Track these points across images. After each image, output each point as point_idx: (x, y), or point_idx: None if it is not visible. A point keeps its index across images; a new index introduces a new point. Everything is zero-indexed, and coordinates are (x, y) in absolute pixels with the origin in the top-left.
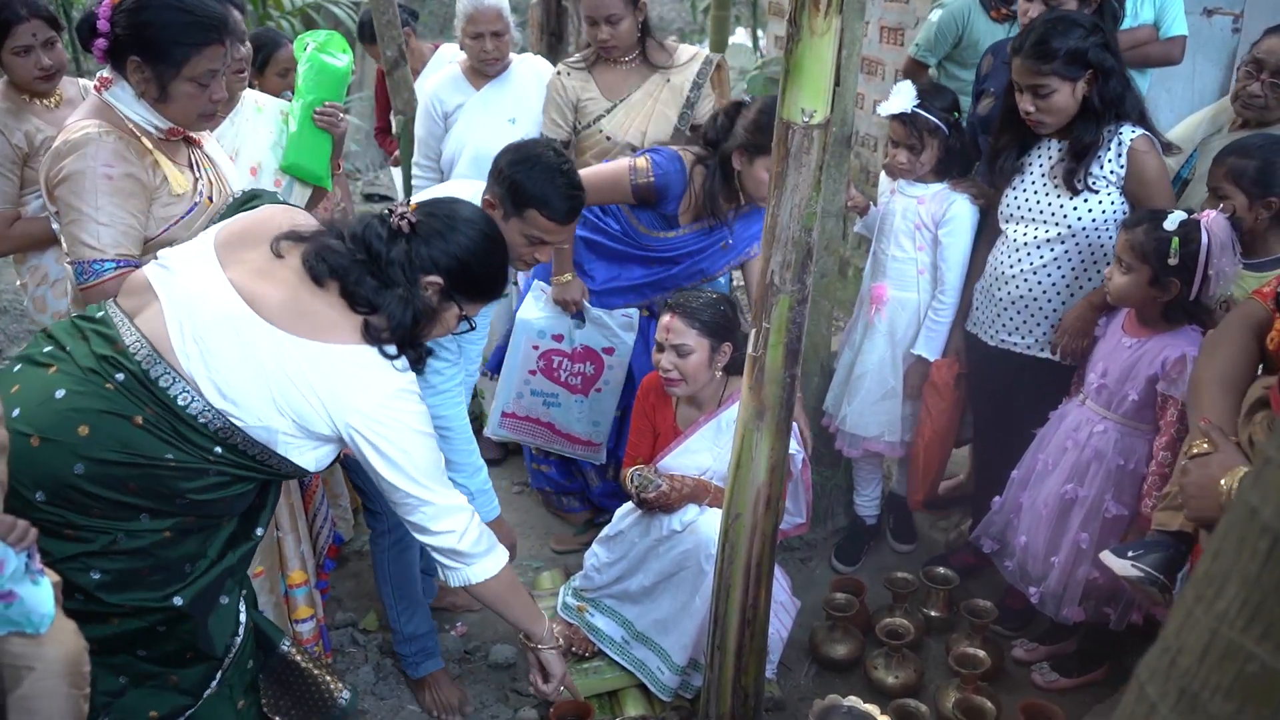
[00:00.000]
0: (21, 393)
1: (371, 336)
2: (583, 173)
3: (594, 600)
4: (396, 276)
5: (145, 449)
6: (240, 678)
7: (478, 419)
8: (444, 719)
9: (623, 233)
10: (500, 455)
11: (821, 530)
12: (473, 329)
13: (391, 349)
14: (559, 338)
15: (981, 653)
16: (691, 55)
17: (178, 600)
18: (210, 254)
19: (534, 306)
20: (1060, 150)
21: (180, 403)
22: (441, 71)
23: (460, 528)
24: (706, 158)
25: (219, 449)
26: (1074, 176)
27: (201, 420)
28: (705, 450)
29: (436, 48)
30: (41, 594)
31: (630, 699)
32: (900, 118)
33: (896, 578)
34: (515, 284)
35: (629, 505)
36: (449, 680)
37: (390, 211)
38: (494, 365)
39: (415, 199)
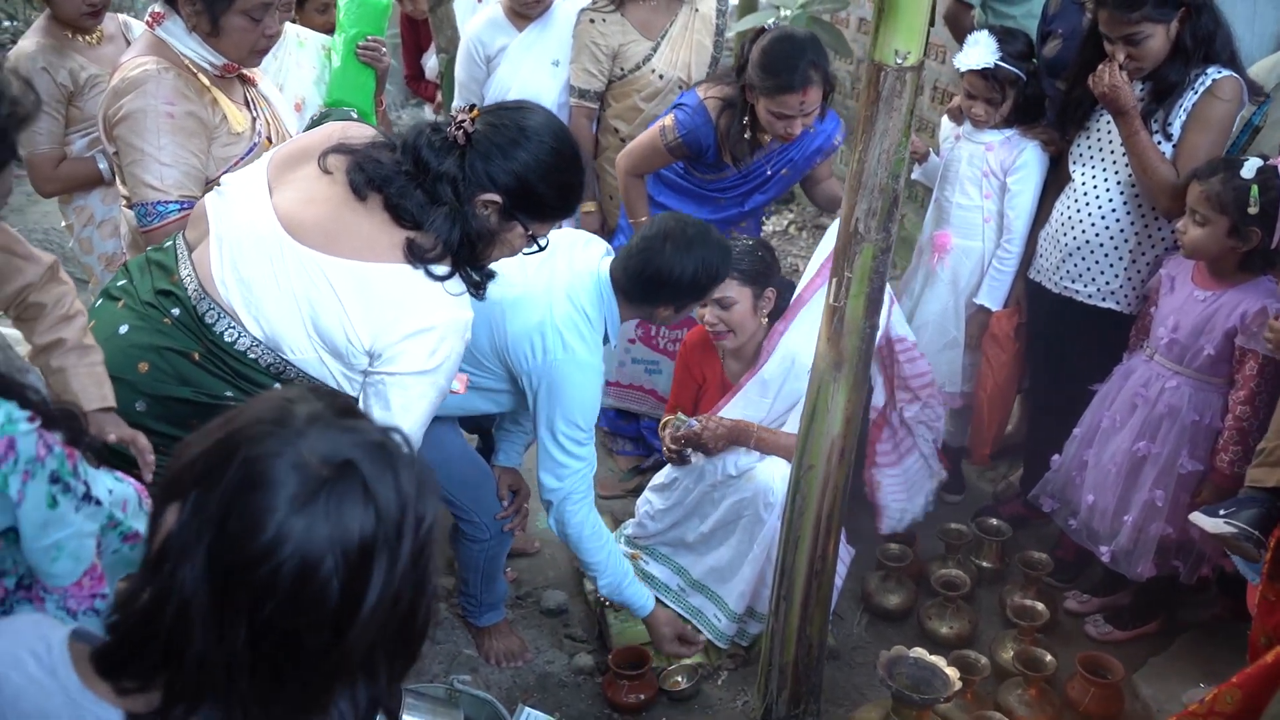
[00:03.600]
0: (96, 329)
1: (414, 255)
2: (624, 152)
3: (648, 548)
4: (444, 194)
5: (205, 386)
6: None
7: None
8: (505, 665)
9: (685, 175)
10: None
11: None
12: (541, 250)
13: (440, 269)
14: None
15: (1040, 605)
16: None
17: None
18: (262, 178)
19: None
20: (1143, 91)
21: (227, 339)
22: (482, 13)
23: None
24: (731, 98)
25: (277, 385)
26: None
27: (251, 356)
28: (750, 408)
29: None
30: None
31: None
32: (980, 71)
33: (950, 529)
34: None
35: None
36: (510, 628)
37: (452, 118)
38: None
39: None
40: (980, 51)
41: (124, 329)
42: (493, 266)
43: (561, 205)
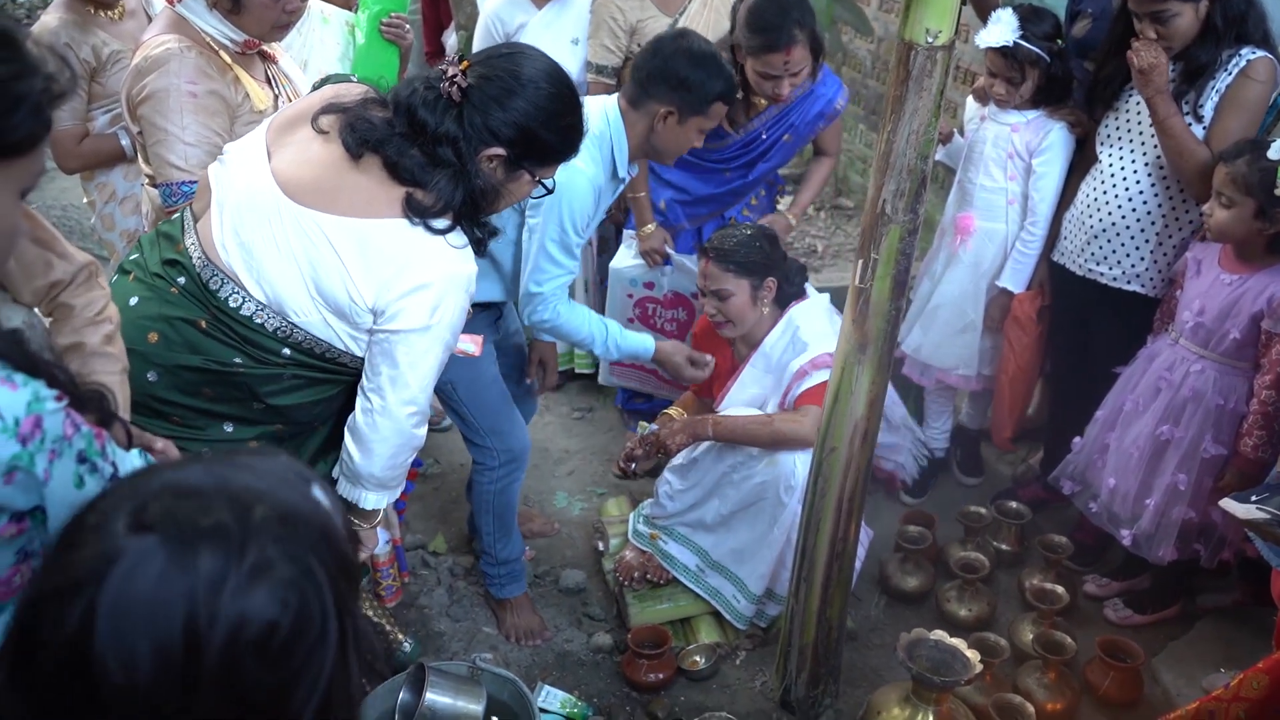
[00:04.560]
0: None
1: (413, 210)
2: None
3: (667, 528)
4: (447, 155)
5: (214, 354)
6: None
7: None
8: (524, 643)
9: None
10: (559, 382)
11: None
12: (549, 192)
13: (439, 222)
14: (650, 285)
15: (1060, 588)
16: None
17: None
18: (261, 143)
19: (626, 255)
20: (1174, 72)
21: (232, 305)
22: None
23: (387, 455)
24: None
25: (286, 350)
26: (1183, 99)
27: (258, 321)
28: (755, 383)
29: None
30: None
31: (704, 626)
32: (1000, 49)
33: (969, 511)
34: (590, 243)
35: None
36: (530, 605)
37: (441, 73)
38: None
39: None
40: (1001, 29)
41: (134, 301)
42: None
43: (566, 147)
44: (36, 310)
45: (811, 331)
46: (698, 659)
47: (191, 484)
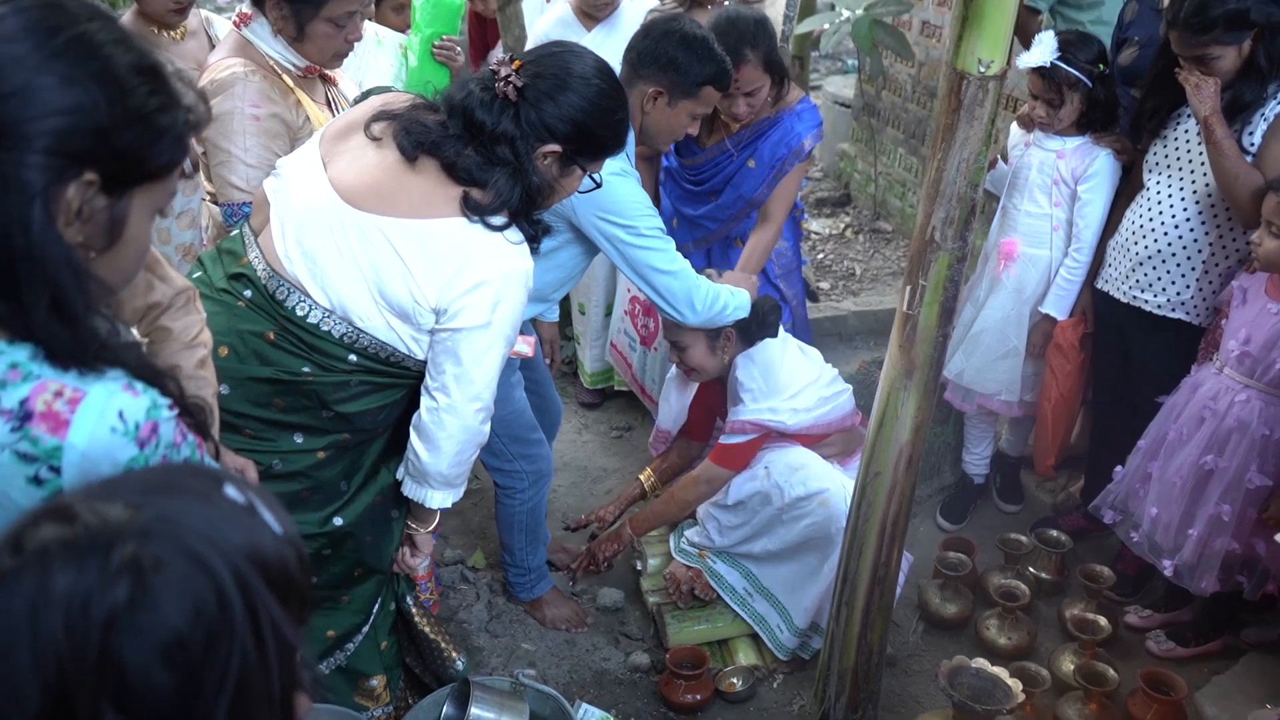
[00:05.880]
0: None
1: (471, 208)
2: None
3: (714, 550)
4: (505, 154)
5: (284, 364)
6: (385, 620)
7: (571, 362)
8: (571, 630)
9: (678, 166)
10: (597, 400)
11: (927, 487)
12: (598, 186)
13: (497, 219)
14: None
15: (1101, 619)
16: None
17: (338, 520)
18: (315, 153)
19: None
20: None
21: (299, 313)
22: (551, 12)
23: (454, 452)
24: None
25: (352, 356)
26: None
27: (324, 328)
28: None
29: None
30: None
31: (742, 648)
32: (1039, 71)
33: (1009, 539)
34: None
35: (746, 474)
36: (562, 595)
37: (494, 73)
38: None
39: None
40: (1040, 51)
41: None
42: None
43: (616, 141)
44: (134, 330)
45: (750, 387)
46: (735, 681)
47: (62, 500)
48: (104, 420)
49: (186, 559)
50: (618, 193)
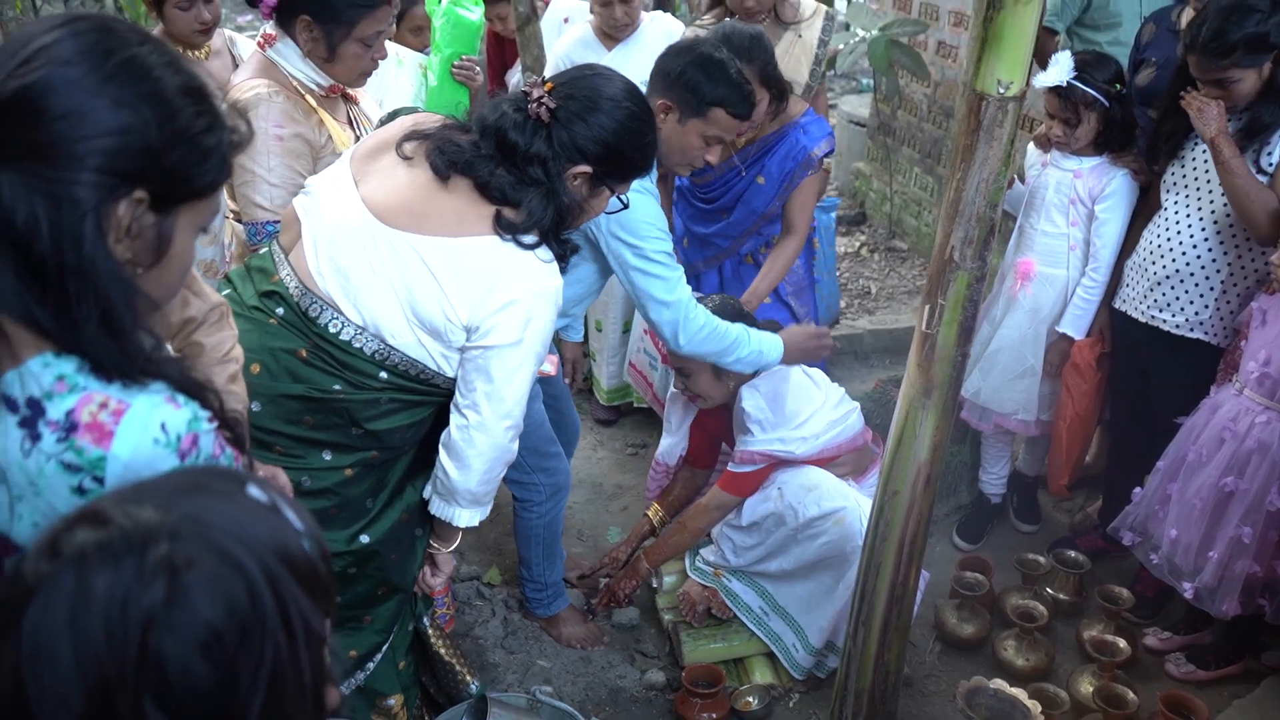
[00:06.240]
0: None
1: (503, 227)
2: None
3: (729, 569)
4: (538, 174)
5: (316, 382)
6: (403, 639)
7: (586, 379)
8: (588, 648)
9: (689, 188)
10: (613, 417)
11: (943, 506)
12: (626, 207)
13: (528, 237)
14: None
15: (1121, 640)
16: (814, 10)
17: (365, 538)
18: (346, 172)
19: None
20: (1238, 122)
21: (331, 330)
22: (571, 32)
23: (483, 470)
24: None
25: (383, 374)
26: (1246, 152)
27: (356, 345)
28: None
29: (546, 4)
30: None
31: (758, 666)
32: (1055, 90)
33: (1027, 559)
34: None
35: (759, 495)
36: (580, 614)
37: (526, 94)
38: None
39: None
40: (1056, 70)
41: None
42: None
43: (645, 162)
44: (168, 345)
45: (757, 418)
46: (751, 699)
47: (94, 506)
48: (147, 432)
49: (217, 557)
50: (634, 210)
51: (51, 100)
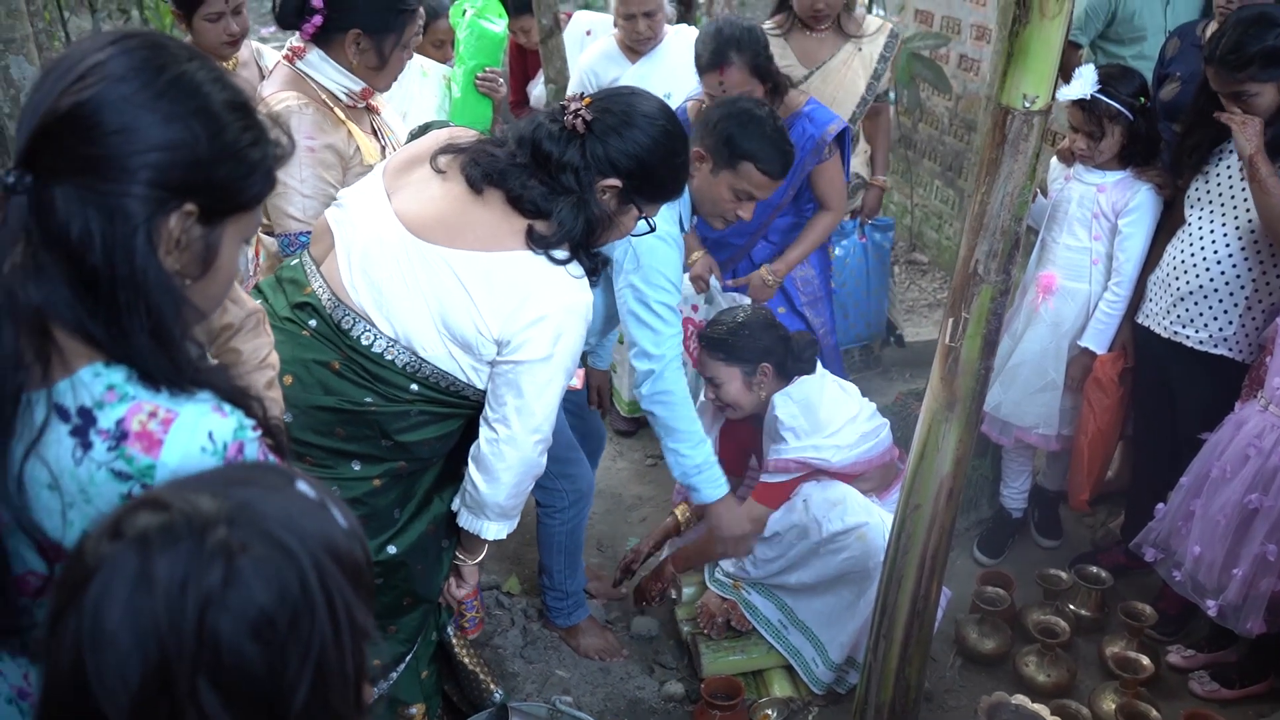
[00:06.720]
0: None
1: (536, 241)
2: None
3: (749, 581)
4: (569, 183)
5: (347, 394)
6: (426, 649)
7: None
8: (608, 660)
9: None
10: (633, 428)
11: (964, 520)
12: (652, 230)
13: (560, 253)
14: (695, 308)
15: (1144, 657)
16: (878, 27)
17: (392, 549)
18: (379, 185)
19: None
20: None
21: (364, 342)
22: (595, 45)
23: (512, 483)
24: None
25: (414, 386)
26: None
27: (388, 357)
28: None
29: (569, 17)
30: None
31: (777, 679)
32: (1079, 103)
33: (1048, 574)
34: None
35: (784, 507)
36: (599, 625)
37: (564, 107)
38: None
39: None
40: (1080, 84)
41: None
42: None
43: (674, 185)
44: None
45: (790, 425)
46: (770, 713)
47: (154, 493)
48: (194, 440)
49: (270, 544)
50: (653, 255)
51: (105, 116)
